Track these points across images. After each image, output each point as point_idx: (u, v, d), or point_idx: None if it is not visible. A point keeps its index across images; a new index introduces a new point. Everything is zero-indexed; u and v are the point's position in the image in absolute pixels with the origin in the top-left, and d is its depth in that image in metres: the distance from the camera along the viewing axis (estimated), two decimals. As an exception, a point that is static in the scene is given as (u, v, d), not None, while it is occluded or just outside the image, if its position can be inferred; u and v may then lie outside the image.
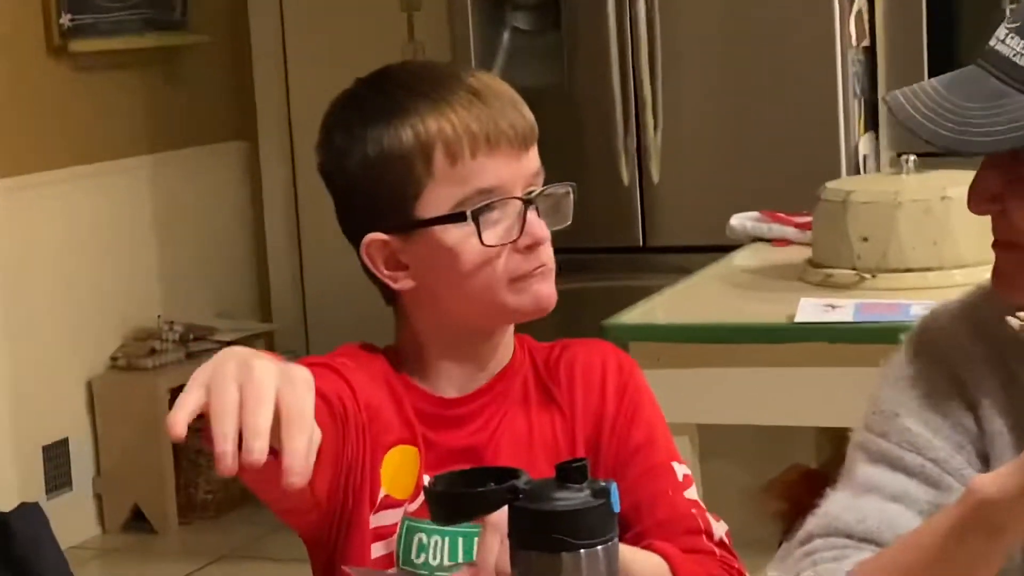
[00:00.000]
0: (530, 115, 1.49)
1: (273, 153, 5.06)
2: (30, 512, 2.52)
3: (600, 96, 3.90)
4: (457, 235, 1.45)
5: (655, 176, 3.91)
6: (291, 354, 4.93)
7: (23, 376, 4.22)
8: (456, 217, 1.45)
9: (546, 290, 1.48)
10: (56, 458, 4.32)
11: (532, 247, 1.46)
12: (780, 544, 2.71)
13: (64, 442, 4.35)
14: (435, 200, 1.45)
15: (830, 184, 2.71)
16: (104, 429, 4.41)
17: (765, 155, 3.81)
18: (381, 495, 1.46)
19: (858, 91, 3.81)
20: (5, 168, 4.18)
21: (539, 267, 1.47)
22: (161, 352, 4.45)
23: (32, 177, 4.26)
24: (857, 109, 3.79)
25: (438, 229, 1.45)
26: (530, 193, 1.46)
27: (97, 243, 4.46)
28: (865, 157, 3.80)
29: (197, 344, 4.57)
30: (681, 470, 1.51)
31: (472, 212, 1.45)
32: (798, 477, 2.91)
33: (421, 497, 1.45)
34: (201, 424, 1.13)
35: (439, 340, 1.51)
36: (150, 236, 4.69)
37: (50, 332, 4.31)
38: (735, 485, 2.84)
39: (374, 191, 1.47)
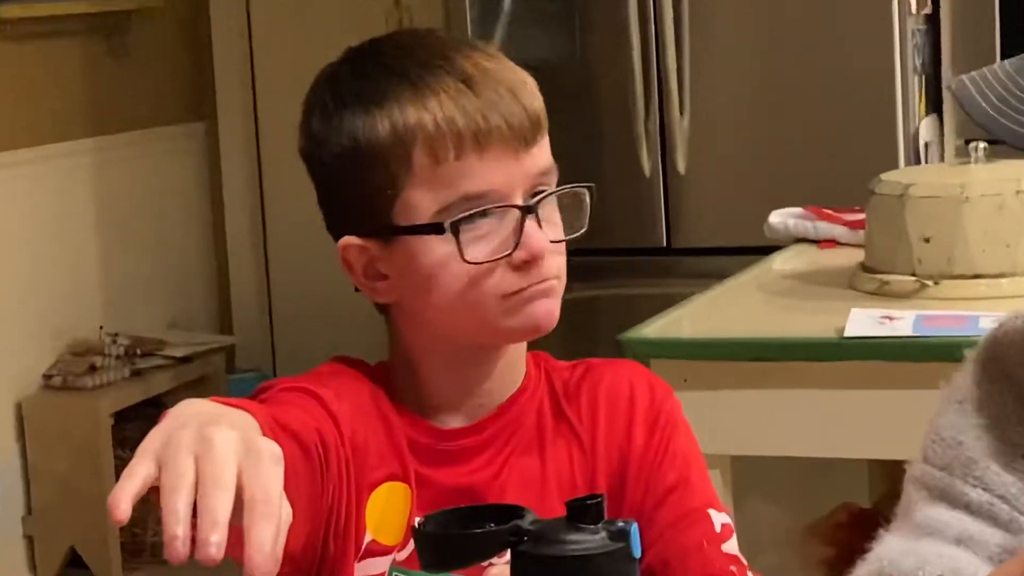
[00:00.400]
0: (536, 104, 1.47)
1: (235, 137, 5.07)
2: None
3: (617, 71, 3.91)
4: (438, 247, 1.44)
5: (681, 166, 3.92)
6: (255, 373, 4.99)
7: (-59, 397, 4.23)
8: (435, 228, 1.44)
9: (543, 308, 1.46)
10: (-20, 493, 4.33)
11: (530, 263, 1.45)
12: (826, 596, 2.72)
13: (-11, 474, 4.36)
14: (414, 205, 1.44)
15: (886, 176, 2.71)
16: (36, 459, 4.41)
17: (809, 142, 3.80)
18: (367, 540, 1.46)
19: (918, 66, 3.81)
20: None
21: (538, 283, 1.46)
22: (103, 369, 4.45)
23: (-47, 164, 4.27)
24: (917, 88, 3.79)
25: (417, 239, 1.45)
26: (533, 197, 1.45)
27: (27, 242, 4.46)
28: (927, 144, 3.81)
29: (145, 360, 4.58)
30: (719, 519, 1.50)
31: (451, 224, 1.43)
32: (847, 518, 2.91)
33: (411, 546, 1.45)
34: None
35: (432, 359, 1.51)
36: (91, 234, 4.69)
37: (-27, 346, 4.31)
38: (774, 527, 2.85)
39: (350, 188, 1.47)
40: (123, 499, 1.09)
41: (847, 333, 2.39)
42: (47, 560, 4.44)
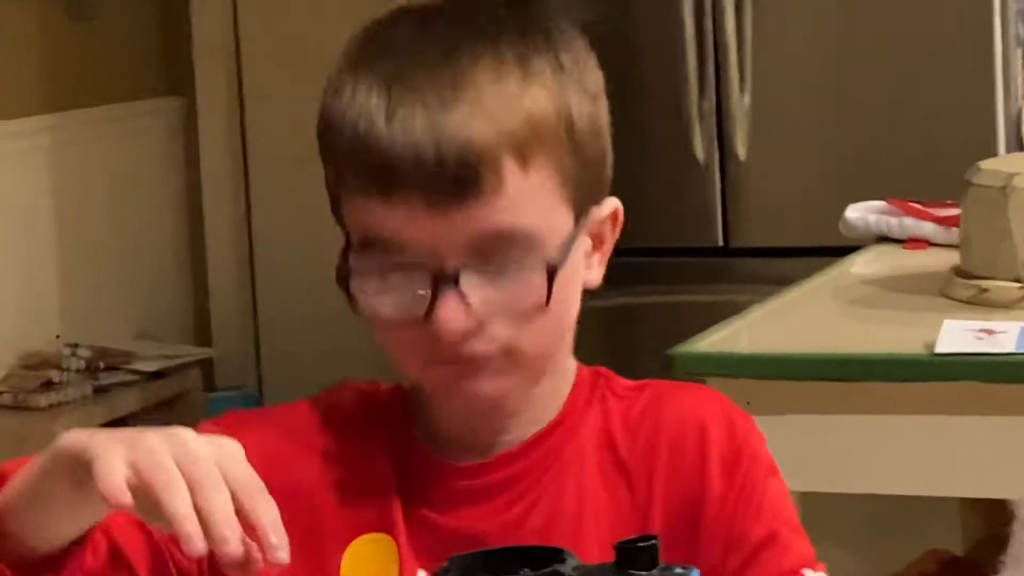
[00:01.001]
0: (470, 146, 1.39)
1: (216, 115, 5.08)
2: None
3: (668, 42, 3.91)
4: (358, 280, 1.45)
5: (741, 152, 3.92)
6: (238, 391, 4.99)
7: None
8: (344, 258, 1.45)
9: (460, 389, 1.45)
10: (-85, 529, 4.33)
11: (434, 336, 1.42)
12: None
13: (-74, 508, 4.36)
14: (349, 221, 1.47)
15: (986, 164, 2.71)
16: (-19, 490, 4.42)
17: (892, 124, 3.81)
18: None
19: (1022, 36, 3.81)
20: None
21: (447, 361, 1.44)
22: (60, 386, 4.46)
23: None
24: (1021, 61, 3.79)
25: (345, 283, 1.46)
26: (457, 269, 1.40)
27: (-26, 236, 4.48)
28: (1032, 127, 3.81)
29: (109, 375, 4.58)
30: None
31: (338, 270, 1.44)
32: (936, 568, 2.91)
33: None
34: None
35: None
36: (46, 227, 4.70)
37: (-92, 357, 4.33)
38: (850, 577, 2.84)
39: (327, 171, 1.49)
40: (118, 486, 1.22)
41: (939, 349, 2.38)
42: (-7, 609, 4.44)
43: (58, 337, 4.62)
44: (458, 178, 1.39)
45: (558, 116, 1.44)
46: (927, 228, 2.99)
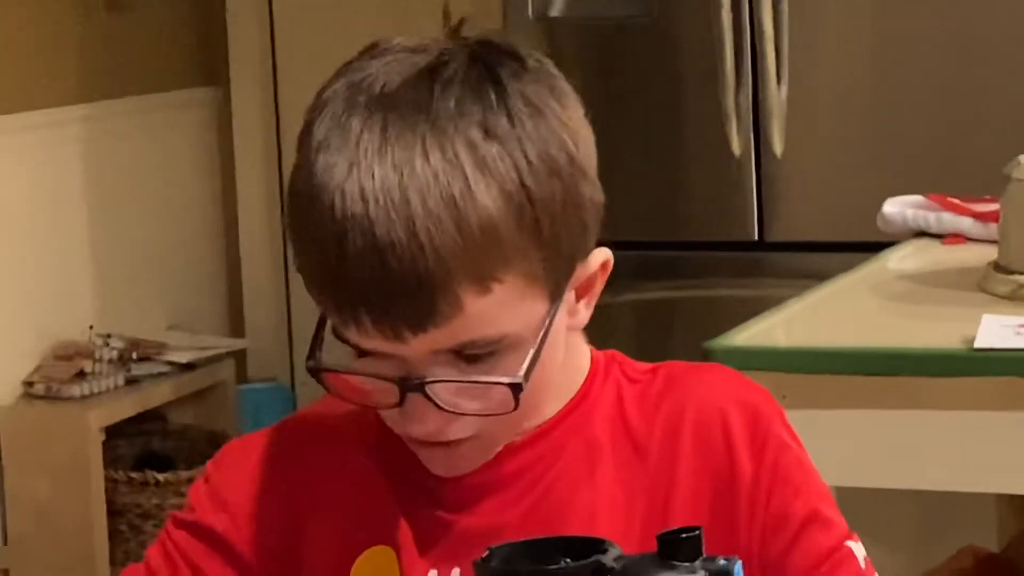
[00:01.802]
0: (424, 288, 1.36)
1: (250, 105, 5.09)
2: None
3: (705, 36, 3.90)
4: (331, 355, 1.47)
5: (777, 147, 3.91)
6: (271, 383, 4.99)
7: (-95, 405, 4.26)
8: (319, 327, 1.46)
9: (436, 462, 1.47)
10: (-52, 518, 4.36)
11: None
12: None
13: (-41, 497, 4.39)
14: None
15: (1025, 158, 2.71)
16: (13, 480, 4.44)
17: (932, 117, 3.79)
18: None
19: (1062, 31, 3.80)
20: None
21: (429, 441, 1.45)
22: (93, 376, 4.47)
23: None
24: (1061, 56, 3.78)
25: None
26: (422, 378, 1.40)
27: (7, 225, 4.49)
28: (1074, 122, 3.80)
29: (141, 366, 4.60)
30: (860, 552, 1.50)
31: (309, 369, 1.44)
32: (972, 564, 2.90)
33: None
34: (146, 476, 1.20)
35: None
36: (80, 217, 4.71)
37: (-58, 346, 4.34)
38: (887, 572, 2.83)
39: None
40: None
41: (977, 344, 2.37)
42: (24, 598, 4.47)
43: (91, 328, 4.64)
44: (410, 313, 1.37)
45: (519, 216, 1.39)
46: (965, 223, 2.99)
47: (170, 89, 4.99)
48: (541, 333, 1.42)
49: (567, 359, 1.50)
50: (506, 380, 1.40)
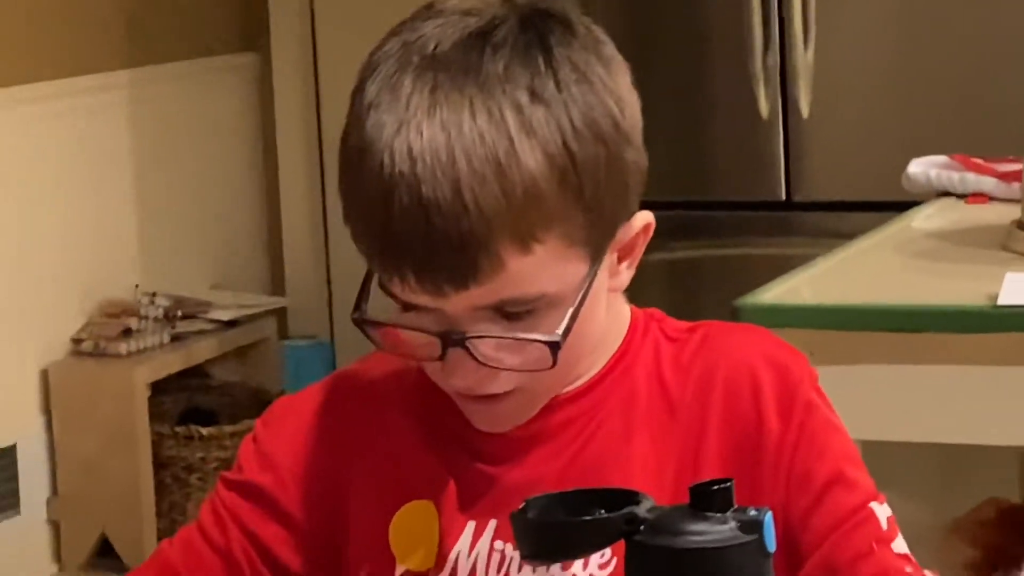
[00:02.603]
0: (468, 245, 1.36)
1: (290, 70, 5.08)
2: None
3: (734, 0, 3.89)
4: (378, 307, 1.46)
5: (804, 108, 3.90)
6: (311, 340, 5.00)
7: (-43, 362, 4.27)
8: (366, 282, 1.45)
9: (479, 416, 1.47)
10: (0, 471, 4.37)
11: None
12: (971, 604, 2.70)
13: (10, 451, 4.40)
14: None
15: (1048, 119, 2.70)
16: (63, 434, 4.46)
17: (956, 79, 3.78)
18: (399, 573, 1.49)
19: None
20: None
21: (471, 395, 1.45)
22: (139, 333, 4.49)
23: (-29, 98, 4.31)
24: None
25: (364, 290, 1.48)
26: (462, 334, 1.40)
27: (55, 188, 4.50)
28: (1094, 84, 3.78)
29: (186, 323, 4.61)
30: (883, 513, 1.48)
31: (354, 320, 1.44)
32: (995, 515, 2.89)
33: (448, 566, 1.47)
34: (190, 430, 1.20)
35: None
36: (127, 179, 4.72)
37: (-7, 305, 4.35)
38: (912, 523, 2.83)
39: None
40: None
41: (1001, 301, 2.37)
42: (74, 548, 4.49)
43: (137, 286, 4.65)
44: (453, 270, 1.38)
45: (562, 179, 1.39)
46: (988, 183, 2.98)
47: (212, 55, 4.99)
48: (580, 293, 1.42)
49: (608, 318, 1.50)
50: (544, 338, 1.40)
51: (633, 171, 1.45)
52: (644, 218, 1.49)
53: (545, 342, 1.40)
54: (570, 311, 1.41)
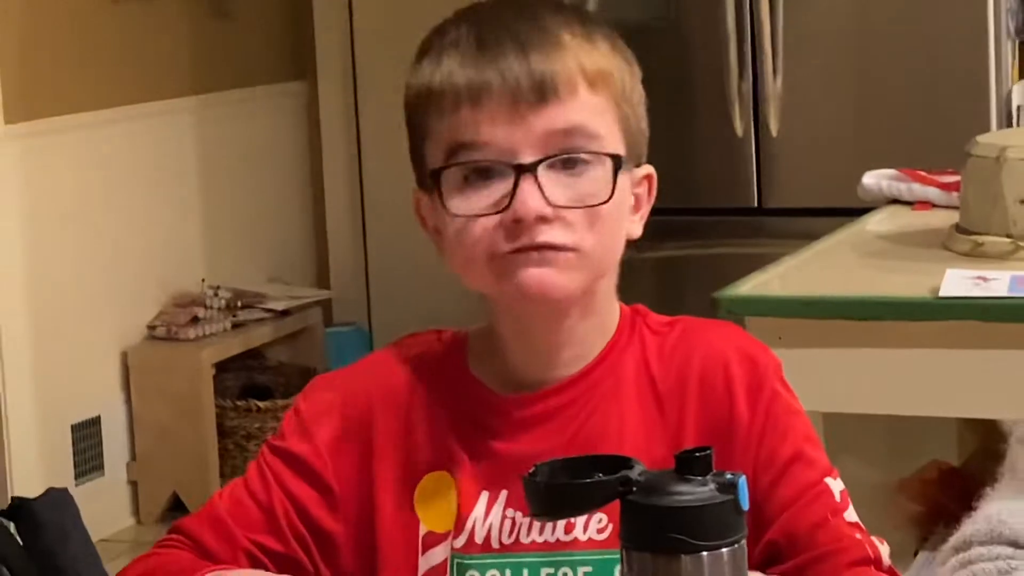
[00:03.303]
0: (549, 66, 1.40)
1: (334, 96, 5.08)
2: (58, 499, 2.54)
3: (711, 32, 3.88)
4: (438, 200, 1.43)
5: (773, 127, 3.89)
6: (352, 326, 5.00)
7: (49, 346, 4.26)
8: (433, 176, 1.43)
9: (533, 277, 1.40)
10: (86, 439, 4.38)
11: (519, 224, 1.39)
12: (916, 552, 2.69)
13: (95, 421, 4.41)
14: (430, 157, 1.44)
15: (982, 138, 2.68)
16: (140, 407, 4.46)
17: (903, 104, 3.77)
18: (423, 533, 1.47)
19: (1011, 30, 3.76)
20: (29, 110, 4.22)
21: (528, 248, 1.40)
22: (205, 320, 4.49)
23: (57, 121, 4.29)
24: (1011, 52, 3.75)
25: (435, 192, 1.44)
26: (534, 163, 1.39)
27: (133, 197, 4.50)
28: (1019, 108, 3.76)
29: (245, 312, 4.61)
30: (837, 487, 1.46)
31: (432, 172, 1.42)
32: (937, 476, 2.89)
33: (466, 531, 1.45)
34: (249, 404, 1.19)
35: (502, 324, 1.48)
36: (193, 189, 4.72)
37: (79, 296, 4.35)
38: (864, 483, 2.82)
39: (409, 138, 1.48)
40: None
41: (942, 293, 2.36)
42: (150, 504, 4.49)
43: (203, 280, 4.65)
44: (538, 87, 1.40)
45: (618, 74, 1.44)
46: (932, 192, 2.97)
47: (266, 83, 4.99)
48: (618, 169, 1.43)
49: (605, 308, 1.49)
50: (609, 151, 1.41)
51: (646, 127, 1.49)
52: (648, 168, 1.50)
53: (609, 154, 1.41)
54: (615, 168, 1.42)
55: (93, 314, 4.38)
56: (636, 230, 1.49)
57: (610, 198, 1.40)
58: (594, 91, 1.42)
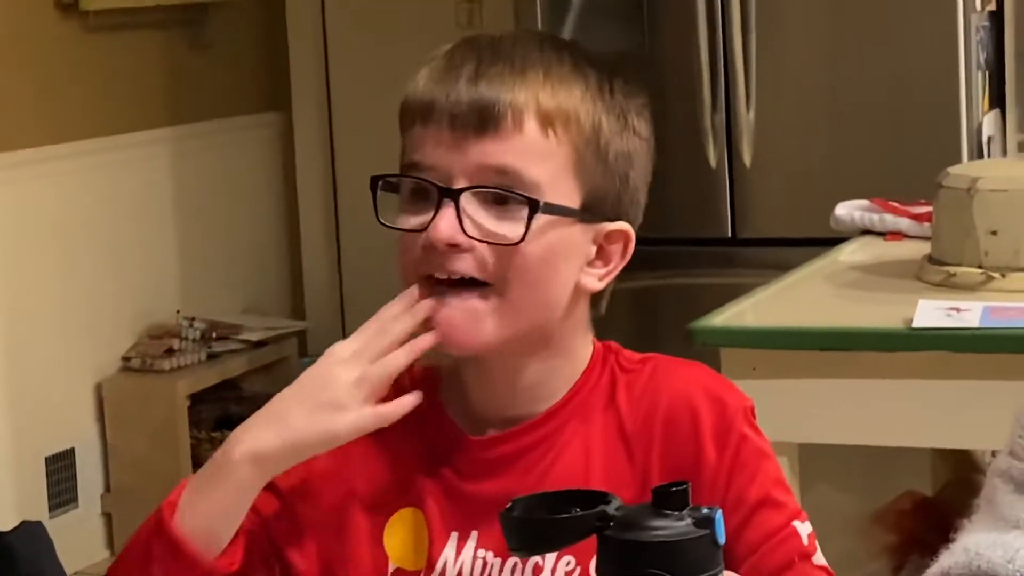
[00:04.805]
0: (498, 96, 1.38)
1: (309, 127, 5.08)
2: (32, 532, 2.53)
3: (684, 64, 3.89)
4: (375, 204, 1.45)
5: (747, 158, 3.90)
6: (327, 356, 4.97)
7: (23, 378, 4.25)
8: (372, 182, 1.44)
9: (444, 322, 1.40)
10: (60, 471, 4.36)
11: (430, 247, 1.39)
12: (890, 582, 2.70)
13: (70, 453, 4.39)
14: (400, 164, 1.46)
15: (953, 169, 2.69)
16: (115, 439, 4.44)
17: (875, 135, 3.78)
18: (391, 570, 1.45)
19: (982, 62, 3.78)
20: (3, 141, 4.21)
21: (434, 275, 1.40)
22: (180, 352, 4.48)
23: (32, 152, 4.29)
24: (981, 83, 3.76)
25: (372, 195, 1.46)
26: (460, 191, 1.37)
27: (108, 228, 4.49)
28: (990, 139, 3.78)
29: (220, 344, 4.60)
30: (805, 530, 1.44)
31: (371, 179, 1.44)
32: (911, 506, 2.89)
33: (436, 571, 1.44)
34: (224, 435, 1.18)
35: (466, 364, 1.47)
36: (169, 220, 4.71)
37: (54, 328, 4.34)
38: (839, 513, 2.83)
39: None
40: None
41: (914, 324, 2.36)
42: (124, 537, 4.43)
43: (178, 312, 4.64)
44: (478, 114, 1.38)
45: (588, 120, 1.41)
46: (904, 223, 2.98)
47: (242, 114, 4.99)
48: (558, 214, 1.40)
49: (569, 348, 1.47)
50: (527, 195, 1.38)
51: (636, 182, 1.46)
52: (621, 224, 1.46)
53: (526, 198, 1.38)
54: (547, 213, 1.39)
55: (67, 345, 4.37)
56: (593, 284, 1.46)
57: (521, 240, 1.38)
58: (546, 131, 1.39)
